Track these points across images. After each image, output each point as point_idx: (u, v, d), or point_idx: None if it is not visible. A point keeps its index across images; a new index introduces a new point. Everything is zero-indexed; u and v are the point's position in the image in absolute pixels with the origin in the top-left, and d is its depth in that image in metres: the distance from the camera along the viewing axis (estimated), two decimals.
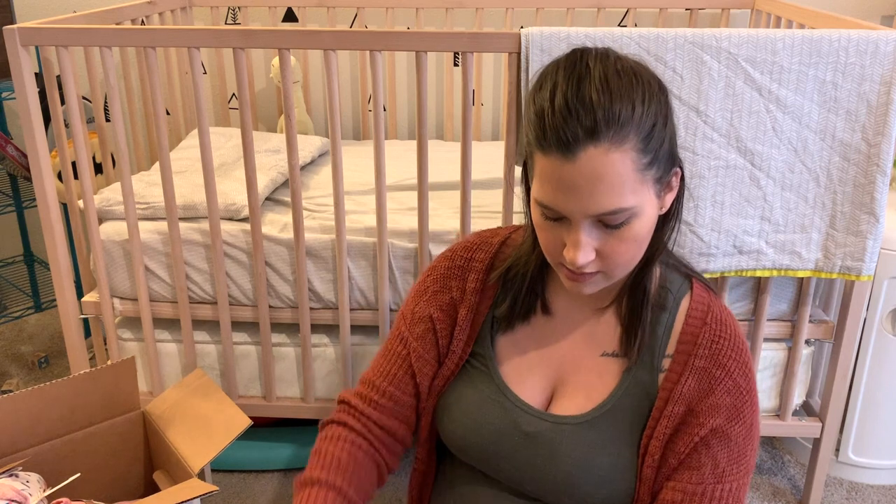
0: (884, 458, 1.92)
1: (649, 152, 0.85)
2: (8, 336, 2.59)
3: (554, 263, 0.94)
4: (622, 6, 2.27)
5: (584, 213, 0.85)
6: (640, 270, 0.98)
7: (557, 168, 0.84)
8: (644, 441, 0.97)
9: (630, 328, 0.99)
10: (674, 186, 0.94)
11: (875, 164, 1.43)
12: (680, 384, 0.96)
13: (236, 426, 1.42)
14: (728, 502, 0.94)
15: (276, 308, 1.73)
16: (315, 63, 2.46)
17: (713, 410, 0.95)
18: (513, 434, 1.00)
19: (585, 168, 0.83)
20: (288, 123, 1.54)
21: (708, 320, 0.98)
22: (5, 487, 1.23)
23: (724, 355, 0.96)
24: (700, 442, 0.95)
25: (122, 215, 1.70)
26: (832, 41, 1.37)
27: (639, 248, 0.91)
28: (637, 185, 0.85)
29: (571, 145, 0.82)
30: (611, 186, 0.83)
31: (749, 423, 0.96)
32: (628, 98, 0.83)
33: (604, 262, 0.90)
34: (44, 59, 1.59)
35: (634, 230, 0.88)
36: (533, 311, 1.05)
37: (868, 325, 1.79)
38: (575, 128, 0.82)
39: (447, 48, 1.48)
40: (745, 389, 0.96)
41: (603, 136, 0.82)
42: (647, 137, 0.84)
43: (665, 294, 1.00)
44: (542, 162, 0.86)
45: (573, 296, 1.03)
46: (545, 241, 0.92)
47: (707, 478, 0.94)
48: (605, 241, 0.88)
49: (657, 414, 0.97)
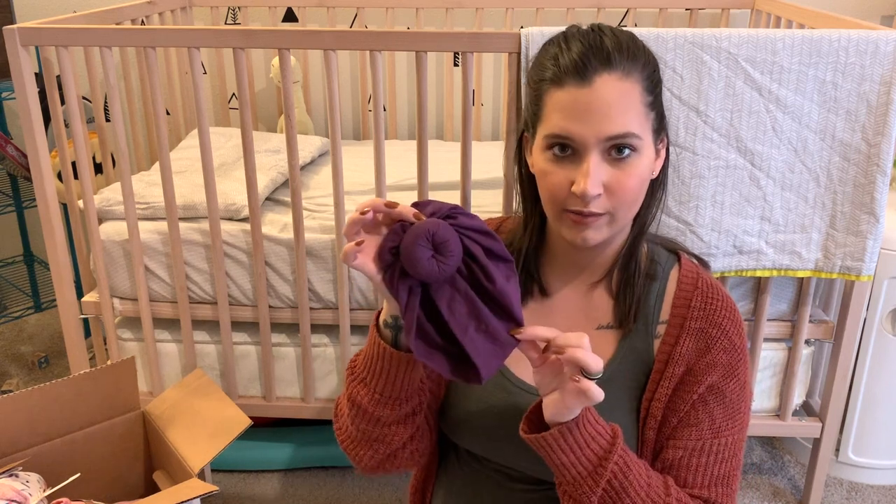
0: (884, 458, 1.92)
1: (652, 93, 0.94)
2: (8, 336, 2.59)
3: (558, 211, 0.96)
4: (622, 6, 2.27)
5: (598, 136, 0.91)
6: (632, 243, 1.03)
7: (574, 94, 0.91)
8: (645, 404, 1.01)
9: (622, 298, 1.03)
10: (662, 154, 1.00)
11: (875, 164, 1.43)
12: (678, 346, 1.00)
13: (236, 426, 1.42)
14: (725, 455, 0.99)
15: (276, 308, 1.73)
16: (315, 63, 2.46)
17: (710, 368, 0.99)
18: (515, 415, 1.01)
19: (601, 90, 0.90)
20: (288, 123, 1.54)
21: (699, 284, 1.02)
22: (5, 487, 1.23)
23: (718, 315, 1.00)
24: (698, 399, 0.99)
25: (122, 215, 1.70)
26: (832, 41, 1.37)
27: (640, 188, 0.96)
28: (642, 118, 0.93)
29: (588, 72, 0.90)
30: (623, 110, 0.91)
31: (743, 381, 1.01)
32: (634, 45, 0.94)
33: (611, 199, 0.94)
34: (44, 59, 1.59)
35: (637, 166, 0.93)
36: (530, 294, 1.07)
37: (868, 325, 1.79)
38: (590, 58, 0.91)
39: (447, 48, 1.48)
40: (740, 347, 1.01)
41: (616, 64, 0.91)
42: (650, 78, 0.94)
43: (654, 266, 1.05)
44: (558, 95, 0.92)
45: (567, 273, 1.06)
46: (552, 185, 0.95)
47: (705, 433, 0.98)
48: (612, 175, 0.93)
49: (657, 377, 1.00)
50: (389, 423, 0.97)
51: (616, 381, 1.01)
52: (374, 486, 1.91)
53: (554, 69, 0.93)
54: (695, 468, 0.98)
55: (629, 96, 0.91)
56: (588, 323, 1.05)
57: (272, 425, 2.02)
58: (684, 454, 0.98)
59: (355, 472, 1.56)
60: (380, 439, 0.99)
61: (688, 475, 0.98)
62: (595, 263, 1.04)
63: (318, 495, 1.89)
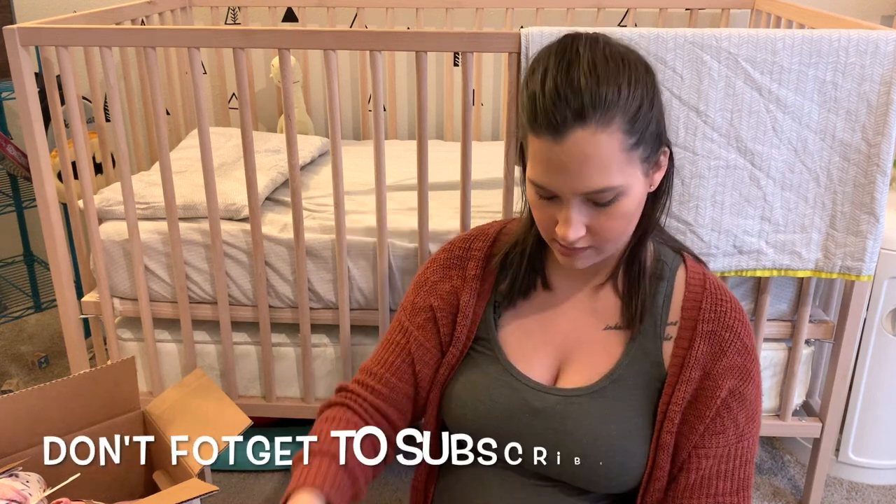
0: (884, 458, 1.92)
1: (636, 133, 0.90)
2: (8, 336, 2.59)
3: (548, 239, 0.99)
4: (622, 6, 2.27)
5: (574, 192, 0.90)
6: (635, 246, 1.02)
7: (547, 149, 0.89)
8: (661, 408, 1.01)
9: (629, 299, 1.03)
10: (662, 165, 0.99)
11: (875, 164, 1.43)
12: (693, 349, 1.00)
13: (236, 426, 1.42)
14: (747, 458, 1.01)
15: (276, 308, 1.73)
16: (315, 63, 2.46)
17: (728, 372, 1.00)
18: (522, 412, 1.02)
19: (574, 149, 0.87)
20: (288, 123, 1.54)
21: (707, 286, 1.03)
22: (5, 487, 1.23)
23: (729, 317, 1.01)
24: (721, 405, 0.99)
25: (122, 215, 1.70)
26: (832, 41, 1.37)
27: (627, 224, 0.95)
28: (624, 164, 0.90)
29: (560, 127, 0.87)
30: (598, 166, 0.88)
31: (758, 382, 1.02)
32: (615, 82, 0.88)
33: (594, 238, 0.94)
34: (44, 59, 1.59)
35: (622, 208, 0.92)
36: (534, 288, 1.08)
37: (868, 325, 1.79)
38: (564, 111, 0.86)
39: (447, 48, 1.48)
40: (751, 349, 1.02)
41: (590, 118, 0.86)
42: (633, 119, 0.89)
43: (661, 266, 1.05)
44: (535, 143, 0.91)
45: (572, 272, 1.07)
46: (539, 219, 0.97)
47: (731, 439, 1.00)
48: (595, 218, 0.93)
49: (673, 380, 1.01)
50: None
51: (625, 381, 1.01)
52: (374, 487, 1.91)
53: (530, 115, 0.90)
54: (724, 475, 0.99)
55: (606, 148, 0.88)
56: (595, 323, 1.05)
57: (272, 425, 2.02)
58: (714, 462, 0.99)
59: None
60: None
61: (719, 482, 0.99)
62: (598, 267, 1.05)
63: None
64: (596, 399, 1.01)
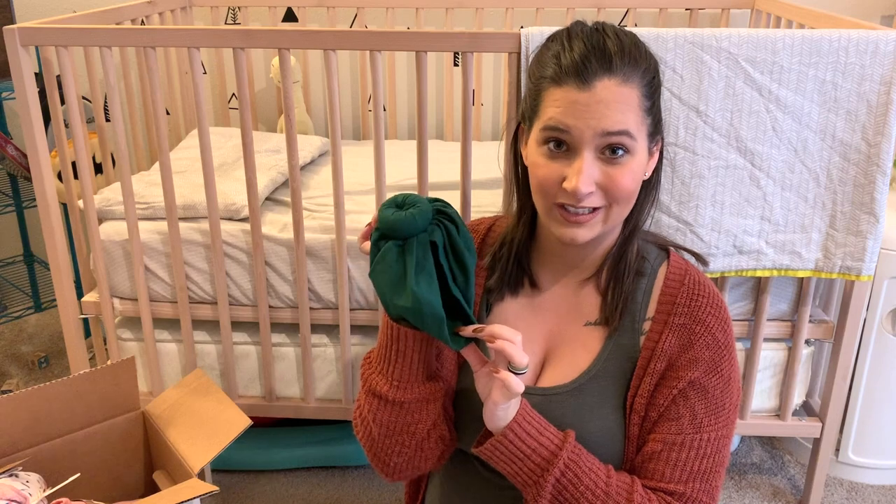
0: (884, 458, 1.92)
1: (650, 99, 0.95)
2: (8, 336, 2.59)
3: (549, 206, 0.98)
4: (622, 6, 2.27)
5: (595, 130, 0.91)
6: (624, 242, 1.04)
7: (573, 94, 0.92)
8: (629, 400, 1.01)
9: (609, 295, 1.04)
10: (656, 154, 1.01)
11: (875, 164, 1.43)
12: (661, 342, 1.00)
13: (236, 426, 1.42)
14: (707, 451, 0.99)
15: (276, 308, 1.73)
16: (315, 63, 2.46)
17: (692, 364, 0.99)
18: None
19: (600, 94, 0.91)
20: (288, 123, 1.54)
21: (685, 281, 1.03)
22: (5, 487, 1.23)
23: (702, 311, 1.01)
24: (678, 394, 0.99)
25: (122, 215, 1.70)
26: (832, 41, 1.37)
27: (634, 186, 0.96)
28: (639, 121, 0.94)
29: (589, 75, 0.91)
30: (620, 109, 0.92)
31: (727, 377, 1.01)
32: (636, 49, 0.95)
33: (605, 195, 0.95)
34: (44, 59, 1.59)
35: (631, 165, 0.94)
36: (521, 285, 1.09)
37: (868, 325, 1.79)
38: (592, 62, 0.91)
39: (447, 48, 1.48)
40: (724, 344, 1.01)
41: (617, 69, 0.92)
42: (649, 84, 0.95)
43: (642, 262, 1.05)
44: (556, 93, 0.93)
45: (558, 269, 1.07)
46: (543, 178, 0.96)
47: (686, 428, 0.98)
48: (605, 173, 0.94)
49: (640, 372, 1.01)
50: (411, 408, 0.99)
51: (603, 377, 1.02)
52: (374, 487, 1.91)
53: (555, 68, 0.93)
54: (673, 462, 0.98)
55: (628, 100, 0.92)
56: (576, 319, 1.06)
57: (272, 425, 2.02)
58: (663, 448, 0.98)
59: (386, 482, 1.54)
60: (404, 429, 1.00)
61: (665, 468, 0.98)
62: (585, 261, 1.05)
63: (318, 495, 1.89)
64: (575, 396, 1.01)
